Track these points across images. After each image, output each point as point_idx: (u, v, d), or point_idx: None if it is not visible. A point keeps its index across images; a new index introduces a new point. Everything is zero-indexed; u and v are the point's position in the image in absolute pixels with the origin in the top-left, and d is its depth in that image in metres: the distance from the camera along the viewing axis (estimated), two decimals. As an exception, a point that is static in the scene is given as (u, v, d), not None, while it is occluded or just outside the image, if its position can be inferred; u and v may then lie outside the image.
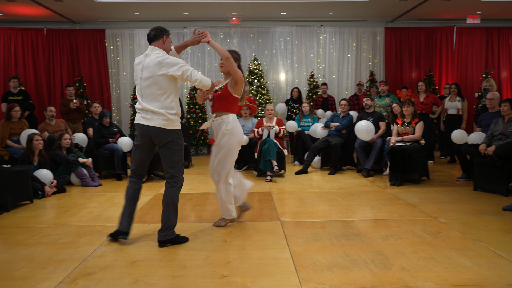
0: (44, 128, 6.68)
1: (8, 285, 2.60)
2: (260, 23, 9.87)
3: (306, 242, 3.33)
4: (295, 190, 5.45)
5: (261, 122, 6.66)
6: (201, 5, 8.36)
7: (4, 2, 7.83)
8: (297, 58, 9.97)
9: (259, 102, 9.13)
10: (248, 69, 9.42)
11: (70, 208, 4.59)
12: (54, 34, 9.59)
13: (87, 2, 7.96)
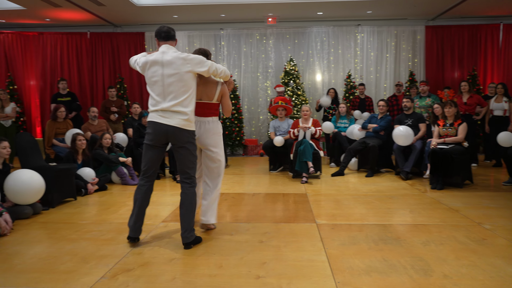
0: (87, 128, 6.94)
1: (54, 278, 2.72)
2: (296, 24, 9.82)
3: (343, 245, 3.28)
4: (331, 192, 5.38)
5: (296, 123, 6.63)
6: (238, 7, 8.42)
7: (51, 7, 8.21)
8: (334, 58, 9.84)
9: (295, 103, 9.09)
10: (284, 69, 9.40)
11: (111, 206, 4.74)
12: (96, 37, 9.95)
13: (128, 6, 8.20)
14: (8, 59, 9.87)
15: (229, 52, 9.88)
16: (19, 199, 4.16)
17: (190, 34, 9.90)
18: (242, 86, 9.93)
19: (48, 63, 9.95)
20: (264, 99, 9.93)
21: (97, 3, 7.91)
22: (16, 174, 4.19)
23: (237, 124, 9.47)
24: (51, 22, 9.71)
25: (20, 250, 3.27)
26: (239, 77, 9.91)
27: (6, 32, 9.83)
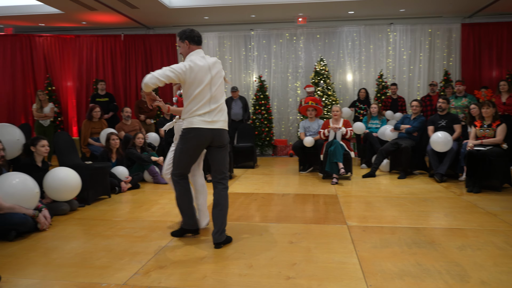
0: (120, 128, 7.12)
1: (89, 273, 2.80)
2: (327, 23, 9.73)
3: (375, 247, 3.22)
4: (362, 193, 5.30)
5: (327, 123, 6.57)
6: (268, 7, 8.43)
7: (87, 11, 8.48)
8: (365, 58, 9.69)
9: (325, 103, 9.01)
10: (314, 69, 9.33)
11: (144, 204, 4.85)
12: (130, 39, 10.20)
13: (160, 8, 8.36)
14: (47, 62, 10.26)
15: (259, 53, 9.90)
16: (57, 196, 4.32)
17: (221, 35, 9.99)
18: (271, 86, 9.93)
19: (84, 65, 10.27)
20: (294, 100, 9.89)
21: (131, 6, 8.11)
22: (54, 172, 4.35)
23: (266, 125, 9.48)
24: (87, 25, 10.02)
25: (58, 245, 3.40)
26: (268, 77, 9.91)
27: (45, 35, 10.22)
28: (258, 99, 9.51)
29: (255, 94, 9.62)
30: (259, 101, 9.50)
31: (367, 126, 7.60)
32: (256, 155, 8.07)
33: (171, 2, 8.34)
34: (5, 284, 2.62)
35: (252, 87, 9.96)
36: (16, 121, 9.72)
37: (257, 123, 9.48)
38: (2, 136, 4.72)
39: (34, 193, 3.73)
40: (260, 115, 9.53)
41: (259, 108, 9.48)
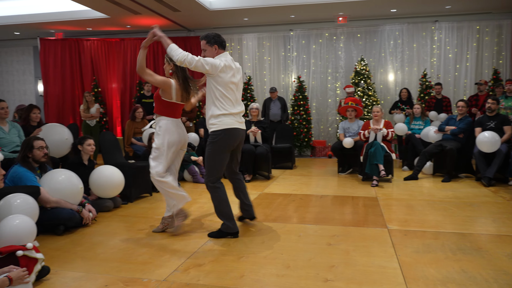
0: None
1: (132, 268, 2.90)
2: (368, 22, 9.53)
3: (417, 252, 3.12)
4: (404, 196, 5.15)
5: (367, 124, 6.43)
6: (308, 7, 8.37)
7: (132, 15, 8.76)
8: (408, 57, 9.40)
9: (366, 104, 8.83)
10: (355, 69, 9.17)
11: (183, 202, 4.94)
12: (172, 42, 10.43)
13: (201, 10, 8.51)
14: (93, 64, 10.70)
15: (298, 53, 9.84)
16: (102, 193, 4.50)
17: (260, 36, 10.02)
18: (310, 86, 9.85)
19: (128, 67, 10.63)
20: (333, 100, 9.77)
21: (173, 9, 8.31)
22: (100, 170, 4.53)
23: (305, 125, 9.41)
24: (131, 29, 10.36)
25: (103, 240, 3.54)
26: (307, 77, 9.84)
27: (92, 39, 10.67)
28: (297, 99, 9.47)
29: (294, 95, 9.58)
30: (298, 101, 9.45)
31: (410, 127, 7.38)
32: (294, 156, 8.03)
33: (211, 4, 8.47)
34: (54, 276, 2.76)
35: (291, 87, 9.92)
36: (65, 121, 10.21)
37: (296, 124, 9.44)
38: (52, 135, 4.99)
39: (78, 188, 3.90)
40: (299, 116, 9.47)
41: (297, 109, 9.43)
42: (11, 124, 4.81)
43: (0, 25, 9.69)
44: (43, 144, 3.83)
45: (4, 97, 11.57)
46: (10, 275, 2.19)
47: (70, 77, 10.70)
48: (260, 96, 9.99)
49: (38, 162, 3.83)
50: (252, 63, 10.12)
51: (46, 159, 3.87)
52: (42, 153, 3.81)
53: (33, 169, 3.76)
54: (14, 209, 2.94)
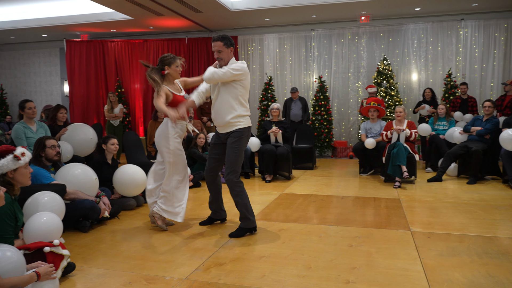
0: (183, 128, 7.38)
1: (155, 265, 2.94)
2: (391, 21, 9.40)
3: (441, 255, 3.06)
4: (427, 198, 5.05)
5: (390, 124, 6.34)
6: (330, 7, 8.31)
7: (155, 17, 8.89)
8: (432, 56, 9.22)
9: (388, 104, 8.70)
10: (377, 69, 9.05)
11: (204, 202, 4.97)
12: (193, 42, 10.55)
13: (223, 11, 8.56)
14: (117, 65, 10.91)
15: (319, 53, 9.78)
16: (125, 191, 4.58)
17: (281, 36, 10.01)
18: (332, 87, 9.78)
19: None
20: (355, 100, 9.67)
21: (195, 10, 8.38)
22: (123, 169, 4.61)
23: (326, 126, 9.35)
24: (154, 30, 10.51)
25: (126, 238, 3.60)
26: (329, 78, 9.76)
27: (116, 40, 10.87)
28: (318, 99, 9.41)
29: (315, 95, 9.53)
30: (319, 101, 9.39)
31: (434, 128, 7.23)
32: (315, 156, 7.99)
33: (233, 5, 8.51)
34: (79, 272, 2.83)
35: (312, 87, 9.87)
36: (89, 121, 10.44)
37: (317, 124, 9.38)
38: (78, 135, 5.11)
39: (93, 180, 4.00)
40: (320, 116, 9.41)
41: (318, 109, 9.37)
42: (38, 124, 4.95)
43: (29, 27, 9.99)
44: (55, 143, 3.94)
45: (32, 97, 11.93)
46: (38, 270, 2.26)
47: (95, 77, 10.94)
48: (281, 97, 9.97)
49: (51, 161, 3.93)
50: (273, 64, 10.12)
51: (58, 157, 3.97)
52: (55, 152, 3.92)
53: (46, 167, 3.86)
54: (41, 206, 3.03)
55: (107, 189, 4.43)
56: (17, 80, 12.40)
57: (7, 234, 2.46)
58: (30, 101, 4.88)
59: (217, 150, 3.74)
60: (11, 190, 2.55)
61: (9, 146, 2.65)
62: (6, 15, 9.80)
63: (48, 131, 5.02)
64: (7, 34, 10.76)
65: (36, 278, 2.22)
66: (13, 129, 4.77)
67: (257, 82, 10.26)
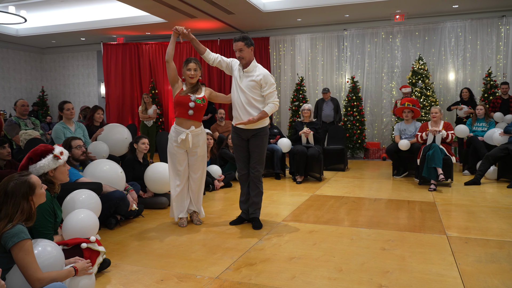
0: (215, 129, 7.47)
1: (186, 264, 2.99)
2: (427, 19, 9.14)
3: (479, 262, 2.95)
4: (464, 202, 4.88)
5: (425, 126, 6.16)
6: (363, 6, 8.19)
7: (188, 19, 9.04)
8: (471, 55, 8.90)
9: (423, 104, 8.47)
10: (412, 69, 8.82)
11: (235, 202, 5.01)
12: (225, 44, 10.65)
13: (255, 13, 8.60)
14: (151, 67, 11.17)
15: (352, 53, 9.65)
16: (156, 188, 4.68)
17: (313, 36, 9.95)
18: (364, 87, 9.62)
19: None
20: (388, 101, 9.47)
21: (227, 12, 8.46)
22: (154, 166, 4.72)
23: (358, 126, 9.21)
24: (187, 32, 10.68)
25: (158, 236, 3.67)
26: (361, 78, 9.62)
27: (151, 43, 11.13)
28: (350, 100, 9.28)
29: (347, 95, 9.40)
30: (351, 102, 9.26)
31: (472, 129, 6.98)
32: (347, 157, 7.88)
33: (265, 6, 8.53)
34: (114, 268, 2.91)
35: (344, 88, 9.75)
36: (124, 122, 10.75)
37: (349, 125, 9.26)
38: (113, 135, 5.26)
39: (119, 173, 4.15)
40: (352, 117, 9.28)
41: (350, 110, 9.24)
42: (77, 124, 5.14)
43: (69, 31, 10.40)
44: (80, 143, 4.08)
45: (70, 98, 12.41)
46: (76, 265, 2.34)
47: (130, 79, 11.25)
48: (312, 97, 9.91)
49: (78, 160, 4.06)
50: (305, 64, 10.06)
51: (84, 157, 4.10)
52: (81, 152, 4.06)
53: (75, 166, 3.99)
54: (79, 204, 3.14)
55: (136, 183, 4.55)
56: (57, 82, 12.93)
57: (47, 230, 2.56)
58: (68, 102, 5.07)
59: (243, 150, 3.89)
60: (52, 188, 2.66)
61: (48, 145, 2.75)
62: (48, 20, 10.24)
63: (85, 131, 5.19)
64: (49, 38, 11.25)
65: (74, 273, 2.30)
66: (53, 129, 4.97)
67: (289, 83, 10.23)
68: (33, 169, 2.63)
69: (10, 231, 2.07)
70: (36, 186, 2.26)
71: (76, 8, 9.62)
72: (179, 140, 3.78)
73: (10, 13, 7.63)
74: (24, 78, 12.45)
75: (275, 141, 6.89)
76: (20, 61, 12.30)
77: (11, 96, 11.93)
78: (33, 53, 12.68)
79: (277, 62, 10.35)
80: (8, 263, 2.09)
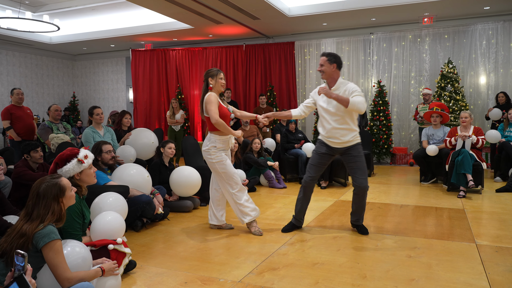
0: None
1: (209, 267, 3.02)
2: (457, 22, 8.92)
3: (510, 271, 2.85)
4: (496, 210, 4.72)
5: (454, 131, 6.01)
6: (390, 9, 8.07)
7: (214, 25, 9.15)
8: (503, 58, 8.61)
9: (453, 109, 8.26)
10: (441, 72, 8.62)
11: (259, 207, 4.98)
12: (251, 49, 10.71)
13: (280, 17, 8.62)
14: (178, 73, 11.36)
15: (378, 57, 9.52)
16: (181, 191, 4.76)
17: (339, 40, 9.88)
18: (391, 91, 9.47)
19: (209, 75, 11.08)
20: (416, 105, 9.28)
21: (252, 17, 8.52)
22: (179, 170, 4.80)
23: (385, 131, 9.06)
24: (213, 38, 10.82)
25: (183, 239, 3.72)
26: (388, 82, 9.47)
27: (178, 49, 11.32)
28: (377, 104, 9.15)
29: (373, 100, 9.28)
30: (378, 107, 9.12)
31: (504, 135, 6.75)
32: (373, 163, 7.76)
33: (290, 11, 8.54)
34: (139, 270, 2.97)
35: (370, 92, 9.63)
36: (151, 126, 10.95)
37: (375, 130, 9.12)
38: (141, 139, 5.38)
39: (145, 177, 4.22)
40: (378, 122, 9.15)
41: (377, 114, 9.11)
42: (105, 129, 5.28)
43: (99, 38, 10.72)
44: (110, 148, 4.18)
45: (100, 103, 12.76)
46: (103, 266, 2.40)
47: (157, 85, 11.47)
48: (338, 102, 9.81)
49: (107, 165, 4.16)
50: (330, 68, 9.97)
51: (113, 161, 4.20)
52: (110, 156, 4.15)
53: (103, 170, 4.08)
54: (107, 206, 3.22)
55: (162, 187, 4.63)
56: (88, 88, 13.33)
57: (75, 231, 2.65)
58: (98, 108, 5.22)
59: (325, 160, 3.86)
60: (79, 191, 2.74)
61: (73, 149, 2.83)
62: (80, 27, 10.58)
63: (114, 135, 5.33)
64: (80, 45, 11.63)
65: (101, 273, 2.36)
66: (83, 134, 5.12)
67: (314, 88, 10.13)
68: (60, 173, 2.71)
69: (42, 232, 2.15)
70: (66, 189, 2.34)
71: (106, 16, 9.90)
72: None
73: (45, 21, 7.94)
74: (57, 84, 12.89)
75: (299, 146, 6.87)
76: (53, 67, 12.75)
77: (44, 102, 12.37)
78: (65, 60, 13.12)
79: (302, 66, 10.32)
80: (39, 262, 2.17)
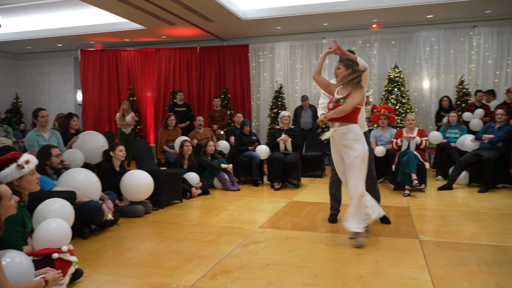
0: (193, 136, 7.45)
1: (160, 273, 2.96)
2: (403, 28, 9.36)
3: (449, 265, 3.02)
4: (437, 207, 4.99)
5: (400, 132, 6.30)
6: (341, 15, 8.33)
7: (167, 26, 9.02)
8: (444, 63, 9.13)
9: (399, 111, 8.64)
10: (388, 77, 9.00)
11: (213, 209, 5.01)
12: (205, 51, 10.65)
13: (234, 20, 8.64)
14: (130, 74, 11.07)
15: (330, 61, 9.76)
16: (132, 196, 4.64)
17: (292, 44, 10.05)
18: (342, 94, 9.74)
19: (162, 77, 10.91)
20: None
21: (206, 19, 8.48)
22: (130, 174, 4.68)
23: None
24: (166, 39, 10.66)
25: (134, 245, 3.63)
26: (339, 85, 9.74)
27: (130, 50, 11.04)
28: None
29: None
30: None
31: (445, 136, 7.16)
32: (324, 164, 7.96)
33: (244, 14, 8.59)
34: (86, 279, 2.86)
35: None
36: (101, 129, 10.60)
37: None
38: (89, 142, 5.19)
39: (94, 182, 4.08)
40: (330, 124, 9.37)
41: (329, 117, 9.33)
42: (51, 132, 5.04)
43: (45, 37, 10.23)
44: (59, 152, 4.01)
45: (46, 105, 12.16)
46: (46, 276, 2.29)
47: (108, 86, 11.12)
48: (291, 104, 9.98)
49: (55, 169, 3.99)
50: (284, 71, 10.15)
51: (62, 166, 4.03)
52: (59, 160, 3.99)
53: (49, 175, 3.90)
54: (51, 213, 3.07)
55: (112, 193, 4.47)
56: (32, 89, 12.67)
57: (16, 240, 2.51)
58: (43, 110, 4.98)
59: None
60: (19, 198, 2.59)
61: (15, 154, 2.66)
62: (23, 25, 10.05)
63: (60, 138, 5.10)
64: (24, 44, 11.04)
65: (44, 284, 2.25)
66: (26, 137, 4.86)
67: (268, 90, 10.29)
68: (-3, 179, 2.55)
69: (-23, 242, 2.02)
70: (2, 197, 2.19)
71: (53, 14, 9.48)
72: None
73: (-17, 18, 7.47)
74: (-2, 85, 12.17)
75: (253, 148, 6.91)
76: (-6, 67, 12.03)
77: (-16, 103, 11.63)
78: (8, 59, 12.41)
79: (257, 69, 10.40)
80: (-26, 275, 2.04)
